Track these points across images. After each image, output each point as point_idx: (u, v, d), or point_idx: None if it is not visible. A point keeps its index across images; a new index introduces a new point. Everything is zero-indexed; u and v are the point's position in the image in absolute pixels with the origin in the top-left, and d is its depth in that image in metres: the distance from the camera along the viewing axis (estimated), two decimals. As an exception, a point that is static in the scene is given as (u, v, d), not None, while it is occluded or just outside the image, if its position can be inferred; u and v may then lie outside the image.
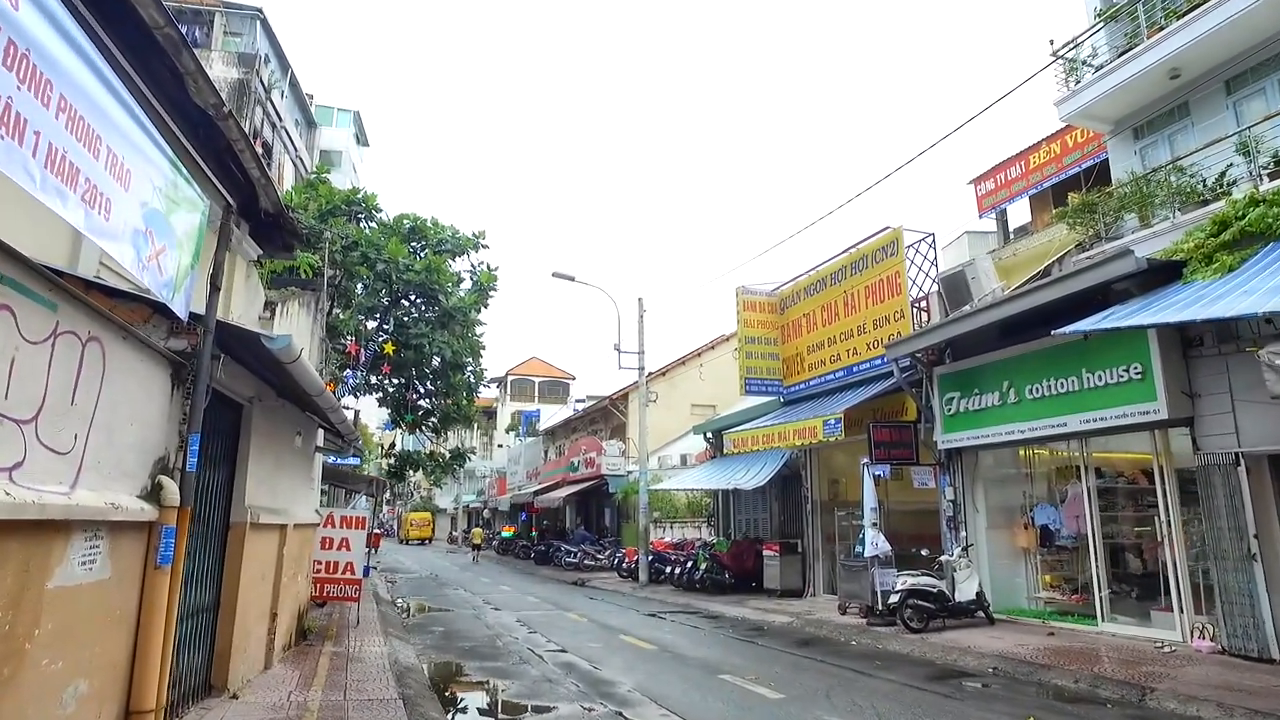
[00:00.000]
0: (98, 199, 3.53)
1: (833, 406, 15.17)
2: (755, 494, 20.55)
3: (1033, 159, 18.76)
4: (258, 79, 35.42)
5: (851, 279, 16.04)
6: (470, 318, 24.21)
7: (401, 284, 22.79)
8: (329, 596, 12.01)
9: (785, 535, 19.25)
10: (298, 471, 9.56)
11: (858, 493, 17.33)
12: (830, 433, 13.93)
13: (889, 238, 15.06)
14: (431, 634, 12.74)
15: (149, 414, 4.83)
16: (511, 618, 14.92)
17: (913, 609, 11.63)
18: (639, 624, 14.20)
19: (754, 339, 18.45)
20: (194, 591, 6.36)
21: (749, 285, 18.75)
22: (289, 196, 22.30)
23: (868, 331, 15.55)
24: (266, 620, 8.12)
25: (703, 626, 13.79)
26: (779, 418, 16.96)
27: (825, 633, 12.63)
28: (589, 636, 12.56)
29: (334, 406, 7.86)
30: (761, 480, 17.97)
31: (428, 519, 65.21)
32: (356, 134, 48.82)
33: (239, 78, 33.68)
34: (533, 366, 68.22)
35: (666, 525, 26.88)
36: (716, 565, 19.15)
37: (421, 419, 26.78)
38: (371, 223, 24.72)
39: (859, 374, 15.76)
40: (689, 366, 37.21)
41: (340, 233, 22.16)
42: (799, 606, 15.78)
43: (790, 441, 15.27)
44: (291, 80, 41.72)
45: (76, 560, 3.93)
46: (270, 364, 6.34)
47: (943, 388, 13.33)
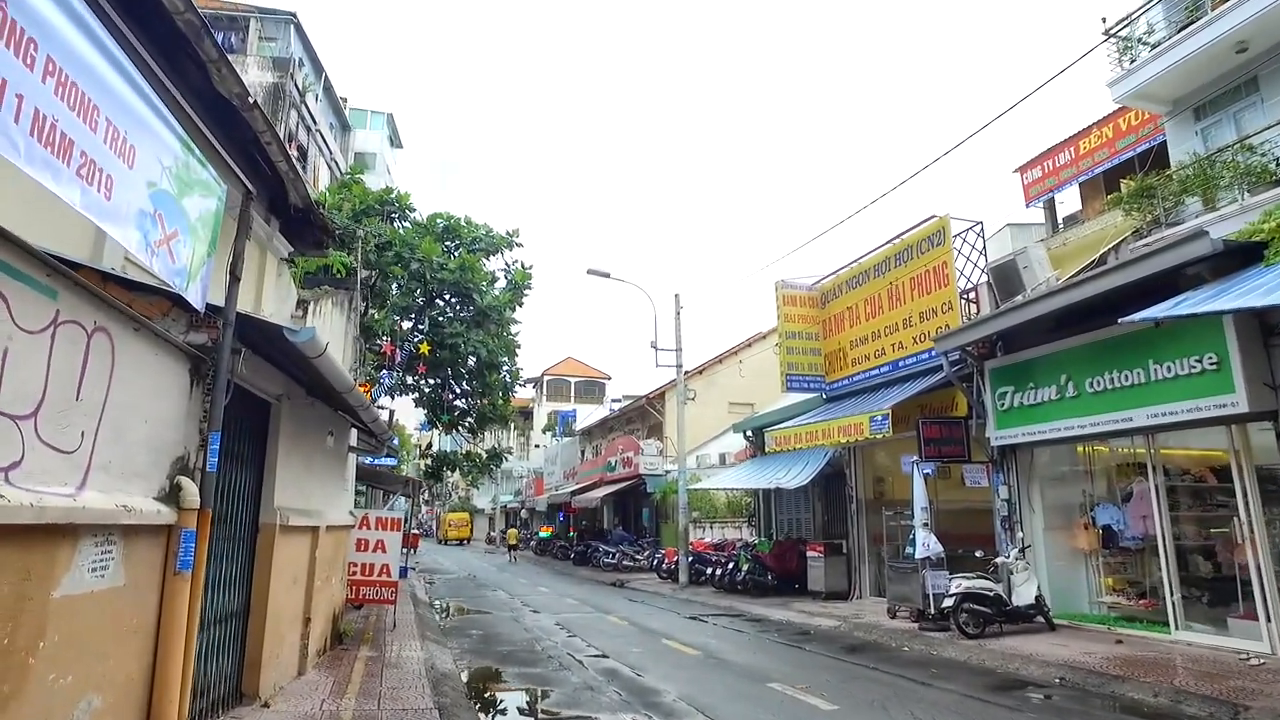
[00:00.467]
0: (96, 175, 3.24)
1: (878, 403, 14.64)
2: (797, 493, 20.05)
3: (1083, 144, 18.02)
4: (292, 83, 35.66)
5: (896, 270, 15.49)
6: (505, 316, 24.02)
7: (436, 283, 22.66)
8: (365, 599, 11.79)
9: (829, 536, 18.73)
10: (330, 472, 9.33)
11: (904, 491, 16.79)
12: (877, 429, 13.41)
13: (935, 227, 14.49)
14: (469, 637, 12.48)
15: (165, 411, 4.56)
16: (550, 620, 14.62)
17: (968, 613, 11.10)
18: (681, 628, 13.81)
19: (795, 334, 17.96)
20: (222, 597, 6.12)
21: (789, 279, 18.26)
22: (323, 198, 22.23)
23: (914, 325, 14.99)
24: (299, 625, 7.88)
25: (746, 630, 13.36)
26: (822, 415, 16.46)
27: (875, 638, 12.13)
28: (630, 641, 12.20)
29: (364, 404, 7.60)
30: (804, 479, 17.48)
31: (466, 519, 65.40)
32: (390, 136, 49.07)
33: (274, 82, 33.90)
34: (568, 366, 68.21)
35: (706, 525, 26.45)
36: (759, 566, 18.69)
37: (458, 419, 26.67)
38: (405, 222, 24.66)
39: (905, 369, 15.20)
40: (726, 364, 36.74)
41: (374, 232, 22.08)
42: (845, 609, 15.27)
43: (834, 439, 14.77)
44: (325, 84, 42.01)
45: (86, 567, 3.66)
46: (296, 359, 6.07)
47: (995, 382, 12.75)
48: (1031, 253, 13.32)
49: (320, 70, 40.28)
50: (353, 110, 46.76)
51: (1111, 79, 14.00)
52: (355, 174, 26.34)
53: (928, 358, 14.51)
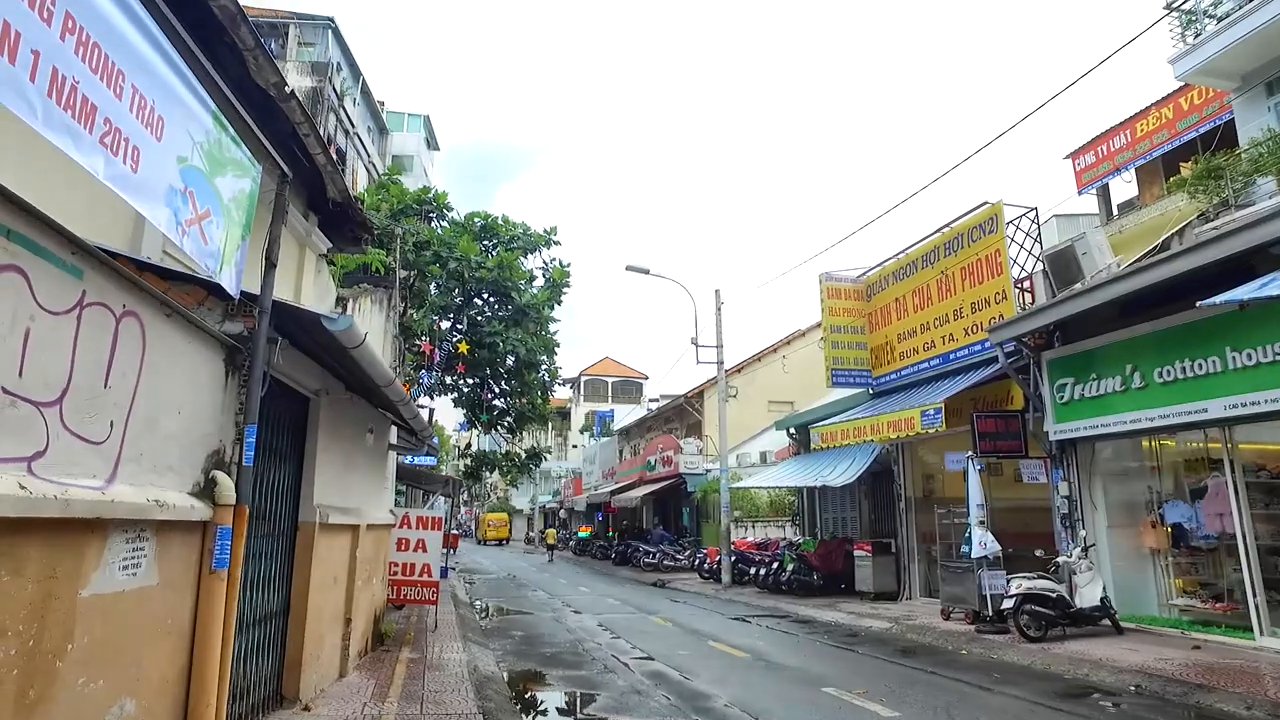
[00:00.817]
0: (121, 145, 3.02)
1: (929, 396, 14.16)
2: (843, 491, 19.58)
3: (1140, 126, 17.34)
4: (330, 87, 35.93)
5: (946, 260, 14.98)
6: (543, 315, 23.88)
7: (474, 282, 22.56)
8: (406, 599, 11.64)
9: (876, 534, 18.24)
10: (370, 470, 9.17)
11: (955, 489, 16.27)
12: (929, 424, 12.94)
13: (987, 214, 13.97)
14: (511, 638, 12.28)
15: (200, 402, 4.36)
16: (593, 621, 14.37)
17: (1029, 615, 10.61)
18: (727, 629, 13.47)
19: (839, 328, 17.51)
20: (261, 596, 5.94)
21: (833, 272, 17.81)
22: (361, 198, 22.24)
23: (965, 316, 14.47)
24: (340, 626, 7.71)
25: (794, 632, 12.98)
26: (869, 410, 16.00)
27: (930, 640, 11.68)
28: (675, 642, 11.90)
29: (404, 399, 7.40)
30: (851, 477, 17.04)
31: (505, 520, 65.56)
32: (427, 138, 49.32)
33: (312, 86, 34.15)
34: (606, 367, 68.13)
35: (748, 524, 26.05)
36: (804, 566, 18.27)
37: (497, 419, 26.61)
38: (443, 222, 24.62)
39: (956, 361, 14.69)
40: (765, 362, 36.26)
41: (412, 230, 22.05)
42: (896, 610, 14.80)
43: (884, 435, 14.32)
44: (363, 88, 42.32)
45: (117, 564, 3.45)
46: (335, 352, 5.88)
47: (1053, 374, 12.22)
48: (1091, 238, 12.75)
49: (358, 74, 40.60)
50: (390, 113, 47.08)
51: (1173, 55, 13.38)
52: (393, 175, 26.39)
53: (980, 350, 14.00)
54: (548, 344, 24.79)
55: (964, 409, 13.84)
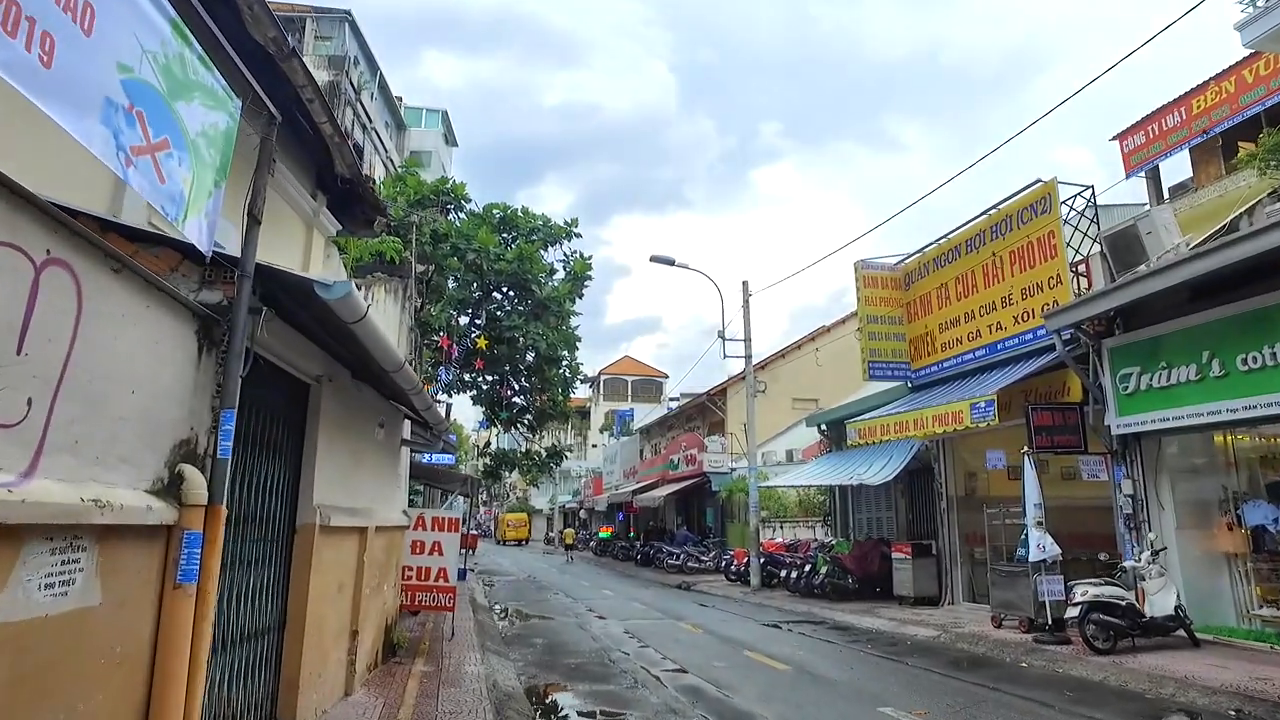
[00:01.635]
0: (21, 24, 2.28)
1: (975, 389, 13.27)
2: (878, 490, 18.68)
3: (1197, 102, 16.31)
4: (347, 80, 35.40)
5: (994, 243, 14.06)
6: (564, 308, 23.11)
7: (493, 274, 21.83)
8: (421, 605, 10.91)
9: (914, 535, 17.35)
10: (381, 467, 8.44)
11: (1000, 487, 15.39)
12: (980, 418, 12.05)
13: (1040, 192, 13.05)
14: (532, 647, 11.52)
15: (164, 381, 3.62)
16: (619, 628, 13.59)
17: (1097, 625, 9.71)
18: (762, 637, 12.65)
19: (876, 318, 16.63)
20: (252, 609, 5.21)
21: (869, 259, 16.93)
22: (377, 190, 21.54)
23: (1015, 303, 13.56)
24: (345, 639, 6.98)
25: (835, 640, 12.14)
26: (909, 404, 15.11)
27: (984, 651, 10.81)
28: (709, 652, 11.10)
29: (416, 387, 6.65)
30: (889, 475, 16.16)
31: (524, 520, 64.98)
32: (445, 134, 48.75)
33: (330, 80, 33.59)
34: (625, 365, 67.50)
35: (775, 525, 25.18)
36: (838, 569, 17.40)
37: (516, 416, 25.89)
38: (461, 213, 23.89)
39: (1004, 352, 13.77)
40: (789, 359, 35.36)
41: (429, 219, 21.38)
42: (940, 617, 13.92)
43: (928, 429, 13.43)
44: (380, 82, 41.79)
45: (36, 583, 2.70)
46: (335, 330, 5.13)
47: (1116, 363, 11.31)
48: (1157, 216, 11.82)
49: (375, 68, 40.09)
50: (407, 109, 46.55)
51: (1242, 21, 12.39)
52: (410, 166, 25.72)
53: (1032, 338, 13.09)
54: (569, 339, 24.04)
55: (1014, 402, 12.98)
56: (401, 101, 45.82)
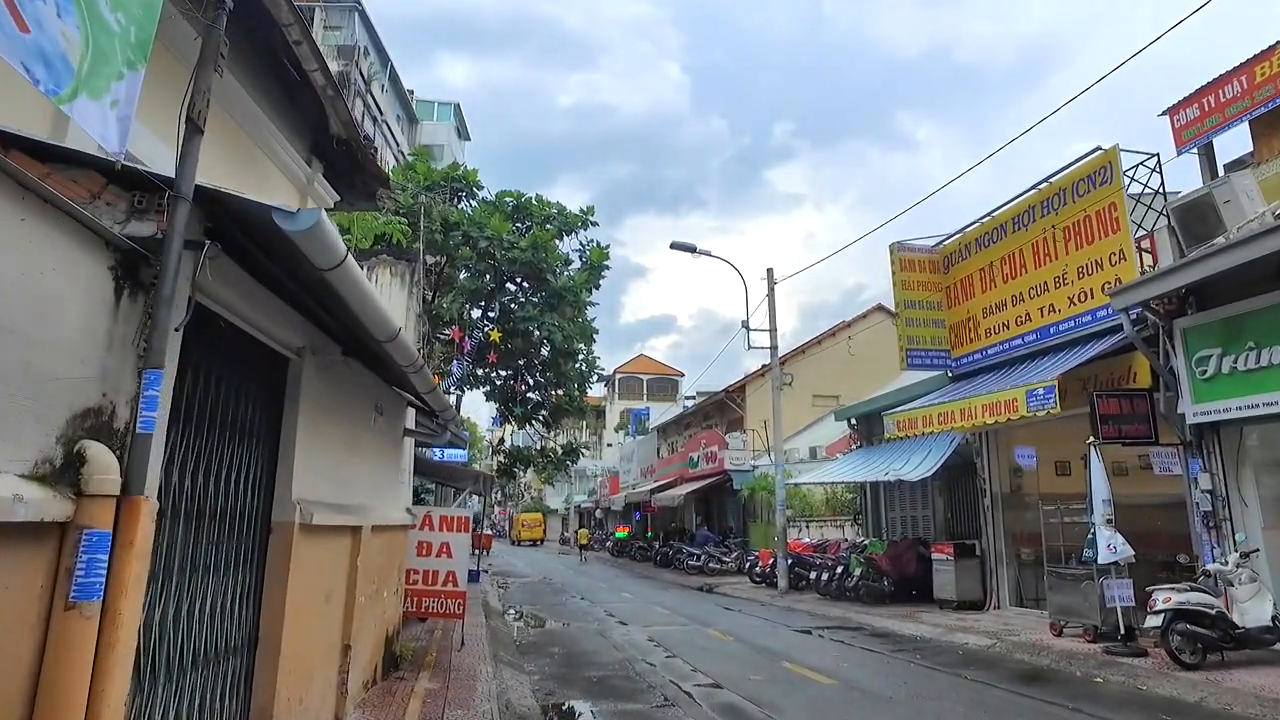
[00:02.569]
0: None
1: (1027, 376, 12.21)
2: (913, 488, 17.65)
3: (1260, 70, 15.12)
4: (357, 70, 34.62)
5: (1045, 219, 13.00)
6: (581, 299, 22.21)
7: (506, 263, 20.92)
8: (427, 612, 10.02)
9: (952, 535, 16.31)
10: (379, 459, 7.52)
11: (1050, 483, 14.34)
12: (1039, 406, 11.00)
13: (1099, 161, 11.99)
14: (550, 657, 10.58)
15: (61, 332, 2.70)
16: (642, 634, 12.63)
17: (1184, 636, 8.65)
18: (797, 645, 11.66)
19: (914, 303, 15.57)
20: (215, 626, 4.30)
21: (905, 240, 15.88)
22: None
23: (1070, 282, 12.50)
24: (335, 655, 6.05)
25: (878, 649, 11.13)
26: (952, 394, 14.05)
27: (1049, 663, 9.77)
28: (742, 663, 10.12)
29: (415, 364, 5.72)
30: (928, 470, 15.11)
31: (539, 520, 64.11)
32: (457, 127, 47.96)
33: (339, 70, 32.70)
34: (641, 364, 66.72)
35: (802, 524, 24.14)
36: (872, 570, 16.36)
37: (531, 412, 25.02)
38: (473, 201, 23.00)
39: (1058, 336, 12.70)
40: (809, 355, 34.30)
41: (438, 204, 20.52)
42: (988, 622, 12.88)
43: (977, 420, 12.38)
44: (392, 74, 41.03)
45: None
46: (308, 281, 4.21)
47: (1191, 344, 10.23)
48: (1237, 183, 10.73)
49: (386, 59, 39.33)
50: (419, 102, 45.77)
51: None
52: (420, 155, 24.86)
53: (1090, 320, 12.03)
54: (585, 330, 23.15)
55: (1070, 391, 11.90)
56: (413, 95, 45.05)
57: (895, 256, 15.76)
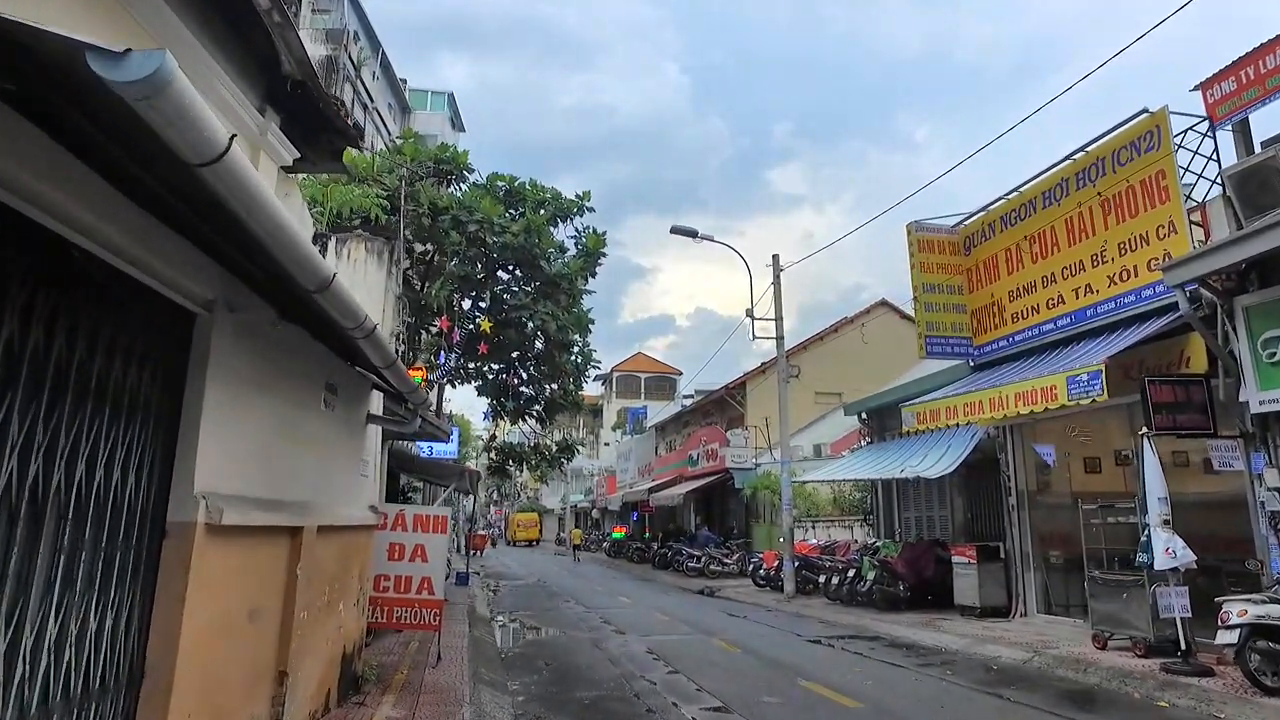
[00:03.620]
0: None
1: (1063, 362, 11.12)
2: (929, 486, 16.57)
3: (1306, 36, 14.07)
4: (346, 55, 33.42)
5: (1080, 193, 11.91)
6: (576, 287, 21.00)
7: (497, 249, 19.74)
8: (399, 623, 8.91)
9: (972, 536, 15.23)
10: (332, 448, 6.40)
11: (1082, 480, 13.29)
12: (1082, 393, 9.90)
13: (1146, 125, 10.91)
14: (537, 673, 9.47)
15: None
16: (640, 645, 11.52)
17: (1264, 656, 7.55)
18: (812, 658, 10.57)
19: (932, 286, 14.48)
20: (76, 658, 3.20)
21: (924, 220, 14.80)
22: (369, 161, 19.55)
23: (1109, 260, 11.41)
24: (266, 685, 4.93)
25: (902, 663, 10.03)
26: (975, 384, 12.96)
27: (1099, 681, 8.68)
28: (753, 680, 9.01)
29: (362, 324, 4.60)
30: (948, 467, 14.02)
31: (535, 520, 63.05)
32: (451, 118, 46.85)
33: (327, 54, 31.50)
34: (639, 362, 65.72)
35: (808, 525, 23.03)
36: (886, 574, 15.28)
37: (524, 407, 23.86)
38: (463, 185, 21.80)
39: (1097, 319, 11.61)
40: (810, 351, 33.22)
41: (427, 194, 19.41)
42: (1018, 632, 11.80)
43: (1009, 410, 11.28)
44: (383, 61, 39.90)
45: None
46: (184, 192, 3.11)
47: (1256, 325, 9.13)
48: (1305, 144, 9.66)
49: (377, 46, 38.19)
50: (412, 91, 44.61)
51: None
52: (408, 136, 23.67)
53: (1134, 300, 10.95)
54: (581, 320, 21.95)
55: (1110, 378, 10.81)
56: (406, 84, 43.90)
57: (913, 237, 14.67)
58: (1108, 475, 13.85)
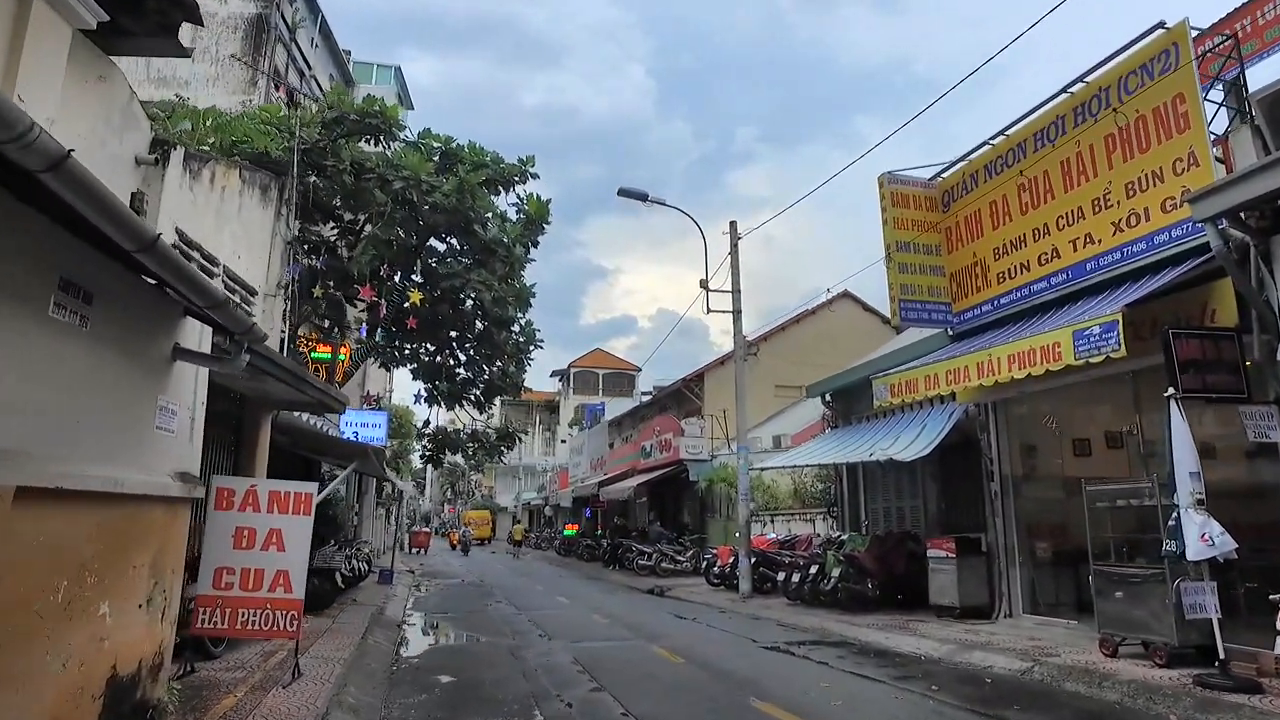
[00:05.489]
0: None
1: (1061, 320, 9.52)
2: (898, 474, 14.99)
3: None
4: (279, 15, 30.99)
5: (1079, 130, 10.34)
6: (515, 254, 19.05)
7: (426, 210, 17.73)
8: (243, 629, 6.97)
9: (949, 528, 13.62)
10: (83, 379, 4.44)
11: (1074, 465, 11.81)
12: (1091, 350, 8.27)
13: (1161, 44, 9.35)
14: (428, 692, 7.57)
15: None
16: (566, 655, 9.67)
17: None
18: (771, 669, 8.82)
19: (907, 245, 12.85)
20: None
21: (897, 172, 13.17)
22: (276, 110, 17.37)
23: (1115, 204, 9.85)
24: None
25: (876, 676, 8.31)
26: (962, 350, 11.33)
27: (1118, 698, 7.03)
28: (695, 701, 7.23)
29: (97, 194, 2.70)
30: (924, 448, 12.37)
31: (487, 518, 60.98)
32: (399, 93, 44.40)
33: (257, 12, 29.12)
34: (596, 358, 63.95)
35: (765, 518, 21.36)
36: (853, 571, 13.63)
37: (460, 390, 21.87)
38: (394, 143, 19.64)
39: (1099, 272, 10.04)
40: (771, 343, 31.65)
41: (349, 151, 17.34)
42: (1006, 636, 10.20)
43: (1001, 375, 9.64)
44: (323, 29, 37.38)
45: None
46: None
47: (1300, 268, 7.61)
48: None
49: (316, 10, 35.74)
50: (357, 64, 42.14)
51: None
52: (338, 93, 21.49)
53: (1145, 249, 9.38)
54: (522, 294, 20.01)
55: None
56: (350, 56, 41.49)
57: (885, 190, 13.04)
58: (1098, 459, 12.38)
